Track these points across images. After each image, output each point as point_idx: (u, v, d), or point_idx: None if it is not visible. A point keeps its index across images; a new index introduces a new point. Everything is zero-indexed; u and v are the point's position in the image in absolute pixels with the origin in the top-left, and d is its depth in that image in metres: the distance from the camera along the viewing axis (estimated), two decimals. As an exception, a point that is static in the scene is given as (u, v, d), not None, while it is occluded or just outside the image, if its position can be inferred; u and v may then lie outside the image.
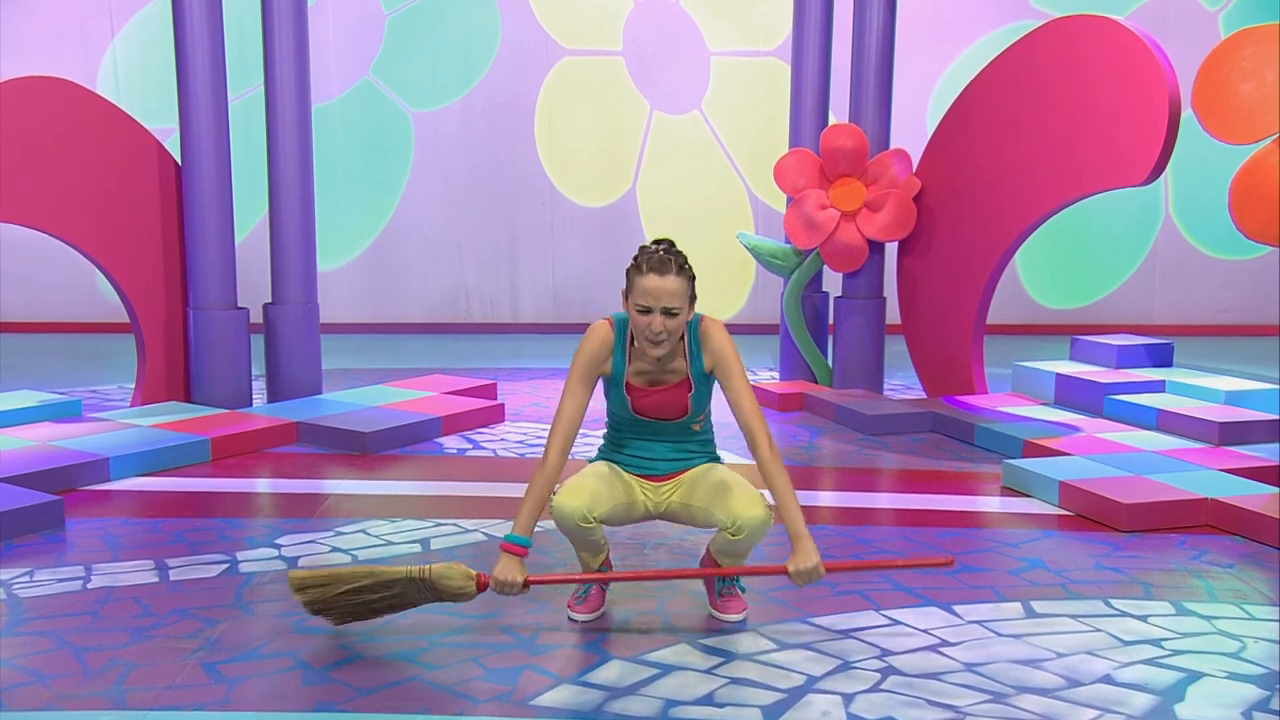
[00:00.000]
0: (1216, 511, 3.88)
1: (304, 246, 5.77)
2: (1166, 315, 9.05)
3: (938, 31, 8.51)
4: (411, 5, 8.70)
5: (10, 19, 8.52)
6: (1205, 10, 8.73)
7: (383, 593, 2.91)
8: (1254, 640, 2.93)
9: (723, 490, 2.97)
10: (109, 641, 2.87)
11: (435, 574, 2.89)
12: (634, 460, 3.07)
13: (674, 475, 3.07)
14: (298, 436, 5.09)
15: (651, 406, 3.00)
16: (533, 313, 9.06)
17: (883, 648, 2.86)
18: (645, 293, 2.84)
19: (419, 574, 2.89)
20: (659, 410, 3.00)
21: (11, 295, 8.71)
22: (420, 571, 2.89)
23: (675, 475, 3.07)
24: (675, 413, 3.00)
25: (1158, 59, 4.67)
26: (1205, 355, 7.43)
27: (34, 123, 5.06)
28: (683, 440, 3.07)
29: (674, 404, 2.99)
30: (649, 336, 2.86)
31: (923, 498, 4.31)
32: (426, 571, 2.89)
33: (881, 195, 5.82)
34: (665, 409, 3.00)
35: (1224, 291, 9.04)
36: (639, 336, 2.90)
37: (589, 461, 3.14)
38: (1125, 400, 5.39)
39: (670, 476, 3.07)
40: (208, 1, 5.36)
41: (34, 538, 3.69)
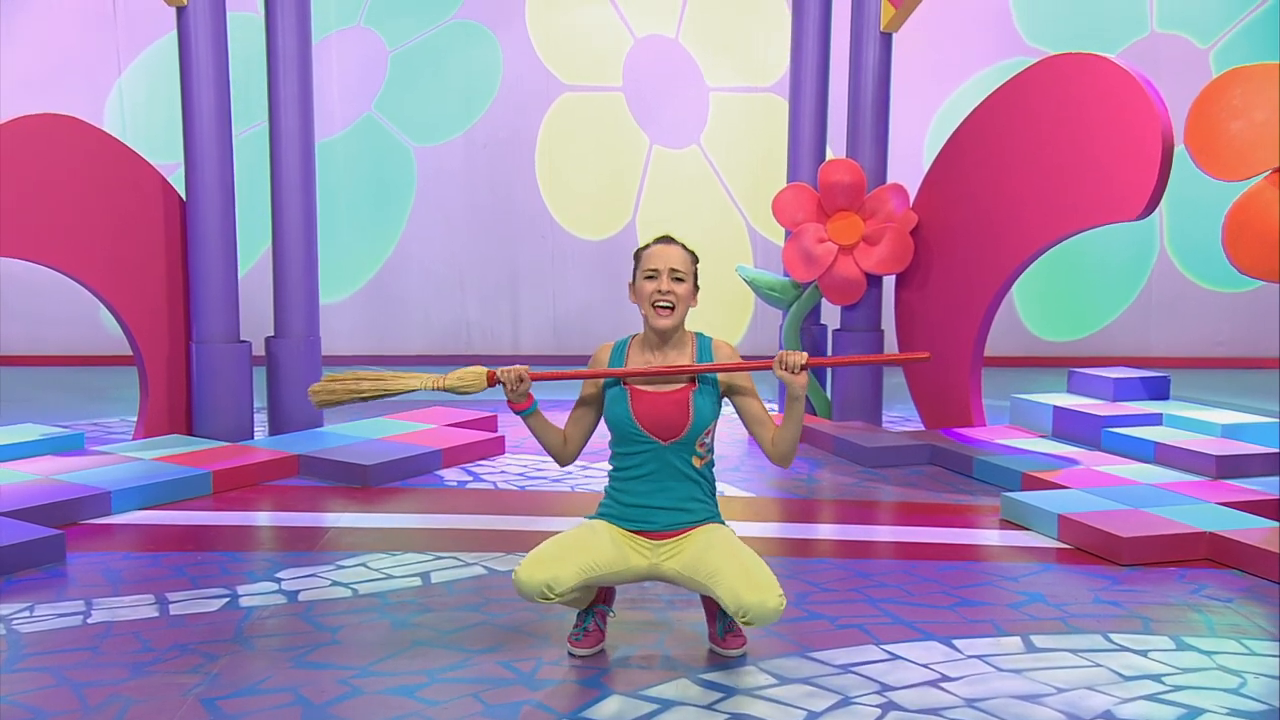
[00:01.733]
0: (1215, 545, 3.87)
1: (306, 280, 5.80)
2: (1163, 348, 9.06)
3: (933, 68, 8.59)
4: (414, 42, 8.78)
5: (19, 57, 8.60)
6: (1196, 48, 8.81)
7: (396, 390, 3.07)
8: (1254, 676, 2.91)
9: (729, 567, 2.84)
10: (109, 677, 2.85)
11: (447, 379, 3.05)
12: (633, 511, 2.97)
13: (675, 533, 2.96)
14: (299, 469, 5.09)
15: (653, 411, 2.91)
16: (534, 345, 9.07)
17: (883, 683, 2.84)
18: (652, 257, 2.90)
19: (434, 382, 3.03)
20: (660, 417, 2.90)
21: (15, 328, 8.73)
22: (435, 381, 3.03)
23: (676, 533, 2.96)
24: (677, 420, 2.91)
25: (1150, 96, 4.71)
26: (1202, 388, 7.44)
27: (41, 159, 5.10)
28: (684, 480, 2.96)
29: (676, 410, 2.91)
30: (657, 300, 2.87)
31: (922, 530, 4.30)
32: (440, 380, 3.04)
33: (879, 229, 5.85)
34: (667, 416, 2.91)
35: (1220, 324, 9.07)
36: (646, 306, 2.90)
37: (587, 519, 3.06)
38: (1123, 433, 5.39)
39: (671, 534, 2.96)
40: (213, 39, 5.41)
41: (35, 572, 3.67)
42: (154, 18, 8.35)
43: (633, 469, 2.98)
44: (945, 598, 3.49)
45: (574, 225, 8.98)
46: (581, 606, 3.05)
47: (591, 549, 2.91)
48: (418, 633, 3.17)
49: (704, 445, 2.99)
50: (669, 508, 2.97)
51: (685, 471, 2.97)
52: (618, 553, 2.94)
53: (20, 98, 8.15)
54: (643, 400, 2.93)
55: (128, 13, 8.54)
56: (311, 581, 3.61)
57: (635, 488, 2.98)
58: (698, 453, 2.98)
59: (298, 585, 3.57)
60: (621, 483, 3.01)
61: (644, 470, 2.97)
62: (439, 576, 3.67)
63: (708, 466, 3.03)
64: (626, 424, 2.94)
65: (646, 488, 2.97)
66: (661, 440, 2.93)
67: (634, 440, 2.95)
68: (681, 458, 2.96)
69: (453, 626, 3.22)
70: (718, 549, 2.91)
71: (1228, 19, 8.80)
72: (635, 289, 2.96)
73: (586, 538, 2.94)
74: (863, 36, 6.06)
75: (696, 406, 2.92)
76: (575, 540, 2.93)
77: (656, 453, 2.94)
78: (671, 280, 2.89)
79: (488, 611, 3.34)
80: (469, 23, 8.80)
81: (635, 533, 2.99)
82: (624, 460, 3.00)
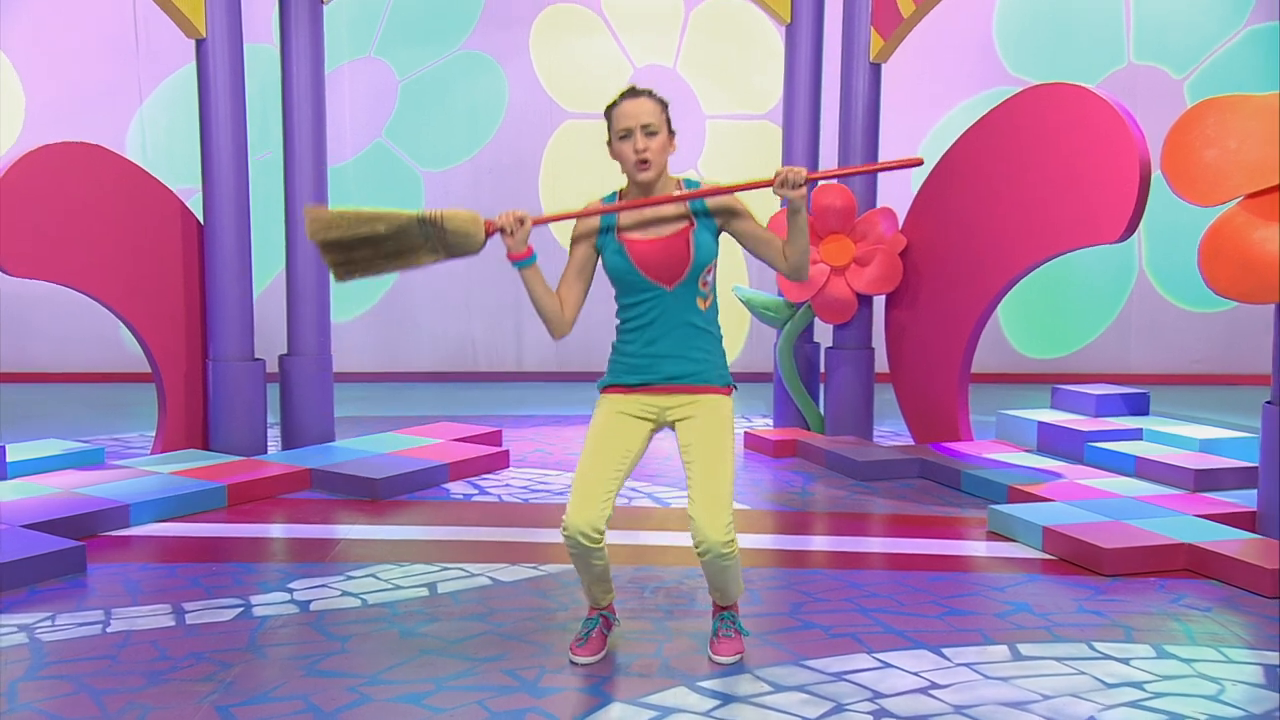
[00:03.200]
0: (1194, 556, 3.86)
1: (319, 300, 5.81)
2: (1142, 365, 9.06)
3: (920, 97, 8.62)
4: (423, 72, 8.82)
5: (46, 87, 8.64)
6: (1171, 79, 8.85)
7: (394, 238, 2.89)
8: (1232, 683, 2.90)
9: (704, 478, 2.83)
10: (127, 685, 2.84)
11: (445, 214, 2.88)
12: (640, 362, 2.88)
13: (683, 387, 2.88)
14: (311, 483, 5.08)
15: (652, 254, 2.82)
16: (537, 362, 9.07)
17: (875, 690, 2.83)
18: (622, 116, 2.81)
19: (430, 216, 2.87)
20: (661, 259, 2.82)
21: (42, 347, 8.74)
22: (431, 214, 2.88)
23: (684, 388, 2.88)
24: (679, 259, 2.82)
25: (1128, 125, 4.73)
26: (1180, 404, 7.43)
27: (65, 186, 5.11)
28: (690, 328, 2.85)
29: (676, 252, 2.82)
30: (635, 158, 2.80)
31: (912, 542, 4.29)
32: (438, 214, 2.88)
33: (869, 251, 5.86)
34: (668, 257, 2.82)
35: (1196, 343, 9.07)
36: (626, 166, 2.83)
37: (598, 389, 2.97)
38: (1104, 448, 5.39)
39: (679, 388, 2.88)
40: (230, 70, 5.44)
41: (57, 583, 3.67)
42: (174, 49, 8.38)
43: (638, 318, 2.88)
44: (935, 607, 3.48)
45: (576, 247, 8.99)
46: (602, 605, 3.03)
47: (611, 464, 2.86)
48: (425, 642, 3.16)
49: (706, 284, 2.88)
50: (675, 355, 2.87)
51: (690, 319, 2.87)
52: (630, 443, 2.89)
53: (47, 126, 8.20)
54: (640, 247, 2.84)
55: (149, 45, 8.58)
56: (322, 592, 3.60)
57: (641, 336, 2.88)
58: (701, 293, 2.87)
59: (309, 595, 3.56)
60: (628, 334, 2.92)
61: (649, 318, 2.87)
62: (445, 587, 3.66)
63: (713, 311, 2.92)
64: (628, 273, 2.85)
65: (652, 335, 2.87)
66: (666, 285, 2.84)
67: (637, 288, 2.86)
68: (685, 301, 2.86)
69: (459, 636, 3.21)
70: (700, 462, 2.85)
71: (1201, 51, 8.84)
72: (612, 149, 2.89)
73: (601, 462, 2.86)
74: (853, 66, 6.10)
75: (697, 242, 2.84)
76: (594, 470, 2.86)
77: (660, 298, 2.85)
78: (645, 137, 2.80)
79: (493, 621, 3.33)
80: (476, 53, 8.84)
81: (642, 388, 2.90)
82: (629, 312, 2.90)
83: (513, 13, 8.77)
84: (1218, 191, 3.92)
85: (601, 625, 3.05)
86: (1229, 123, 3.88)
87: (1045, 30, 8.83)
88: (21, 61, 8.63)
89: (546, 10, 8.86)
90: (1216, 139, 3.89)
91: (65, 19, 8.57)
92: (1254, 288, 3.93)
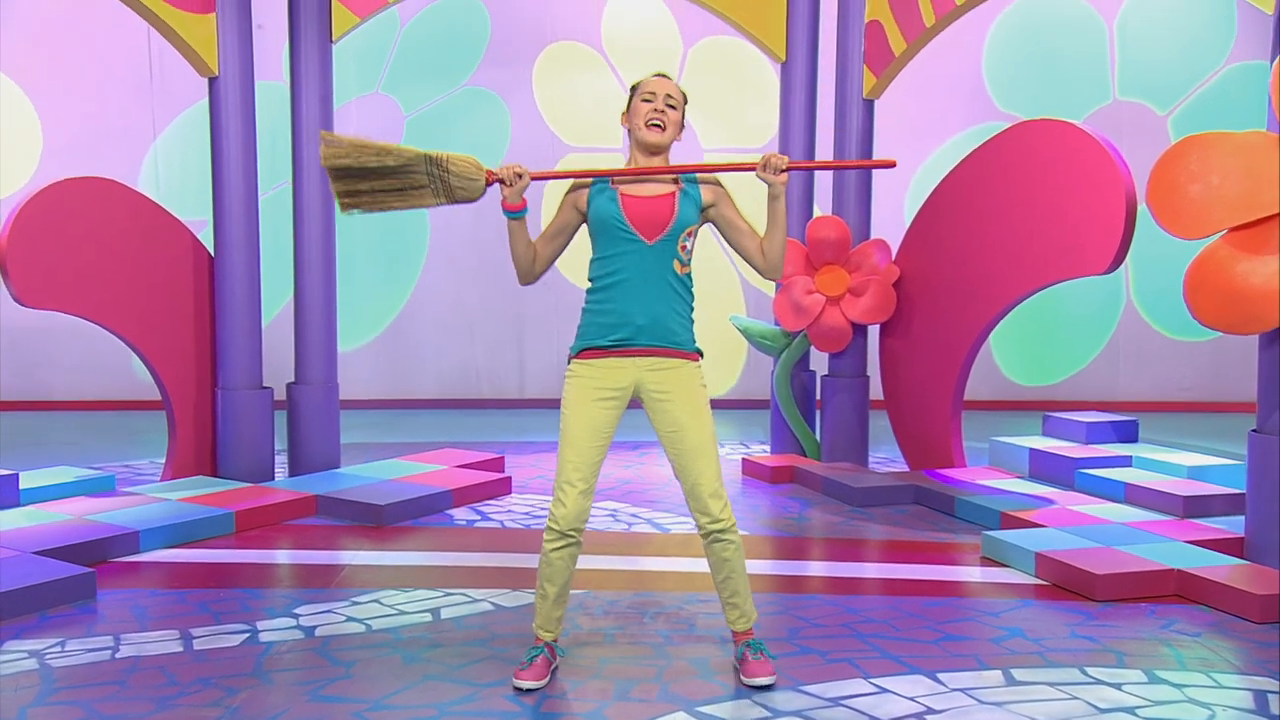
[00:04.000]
0: (1184, 582, 3.85)
1: (326, 329, 5.81)
2: (1131, 393, 9.07)
3: (912, 132, 8.68)
4: (429, 108, 8.88)
5: (64, 123, 8.69)
6: (1155, 115, 8.91)
7: (401, 173, 2.95)
8: (1223, 708, 2.89)
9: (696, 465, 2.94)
10: (135, 711, 2.83)
11: (451, 156, 2.96)
12: (612, 319, 2.93)
13: (656, 350, 2.94)
14: (317, 509, 5.07)
15: (639, 208, 2.91)
16: (538, 389, 9.07)
17: (871, 715, 2.82)
18: (650, 84, 2.99)
19: (437, 156, 2.95)
20: (646, 213, 2.91)
21: (56, 376, 8.74)
22: (438, 154, 2.96)
23: (657, 351, 2.94)
24: (662, 215, 2.91)
25: (1114, 159, 4.76)
26: (1168, 431, 7.43)
27: (80, 220, 5.13)
28: (665, 288, 2.92)
29: (661, 209, 2.92)
30: (651, 118, 2.93)
31: (907, 567, 4.28)
32: (444, 155, 2.96)
33: (863, 281, 5.88)
34: (653, 212, 2.91)
35: (1184, 371, 9.07)
36: (638, 121, 2.95)
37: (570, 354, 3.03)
38: (1095, 474, 5.39)
39: (652, 350, 2.94)
40: (241, 106, 5.48)
41: (67, 608, 3.65)
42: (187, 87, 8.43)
43: (615, 273, 2.94)
44: (930, 633, 3.46)
45: (576, 277, 8.99)
46: (550, 635, 3.03)
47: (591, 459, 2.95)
48: (428, 667, 3.14)
49: (685, 249, 2.96)
50: (650, 310, 2.92)
51: (667, 277, 2.94)
52: (605, 433, 2.97)
53: (64, 161, 8.24)
54: (630, 200, 2.94)
55: (163, 82, 8.65)
56: (328, 617, 3.59)
57: (615, 295, 2.94)
58: (679, 256, 2.95)
59: (315, 621, 3.55)
60: (602, 292, 2.97)
61: (626, 273, 2.92)
62: (448, 612, 3.65)
63: (689, 279, 2.99)
64: (614, 219, 2.93)
65: (626, 293, 2.93)
66: (646, 238, 2.92)
67: (619, 238, 2.93)
68: (664, 259, 2.93)
69: (461, 661, 3.19)
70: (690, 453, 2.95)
71: (1184, 88, 8.91)
72: (630, 111, 3.00)
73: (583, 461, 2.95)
74: (846, 102, 6.14)
75: (680, 205, 2.94)
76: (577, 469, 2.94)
77: (639, 253, 2.92)
78: (665, 103, 2.96)
79: (494, 646, 3.31)
80: (480, 89, 8.91)
81: (616, 350, 2.95)
82: (606, 266, 2.96)
83: (516, 50, 8.85)
84: (1202, 225, 3.94)
85: (546, 653, 3.04)
86: (1212, 159, 3.91)
87: (1033, 68, 8.90)
88: (39, 98, 8.69)
89: (549, 47, 8.94)
90: (1200, 174, 3.91)
91: (82, 57, 8.64)
92: (1238, 319, 3.94)
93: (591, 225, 3.00)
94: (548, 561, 2.99)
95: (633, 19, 8.92)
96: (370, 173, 2.98)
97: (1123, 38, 8.92)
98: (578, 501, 2.94)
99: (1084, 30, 8.91)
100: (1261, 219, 3.86)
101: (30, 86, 8.67)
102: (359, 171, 2.99)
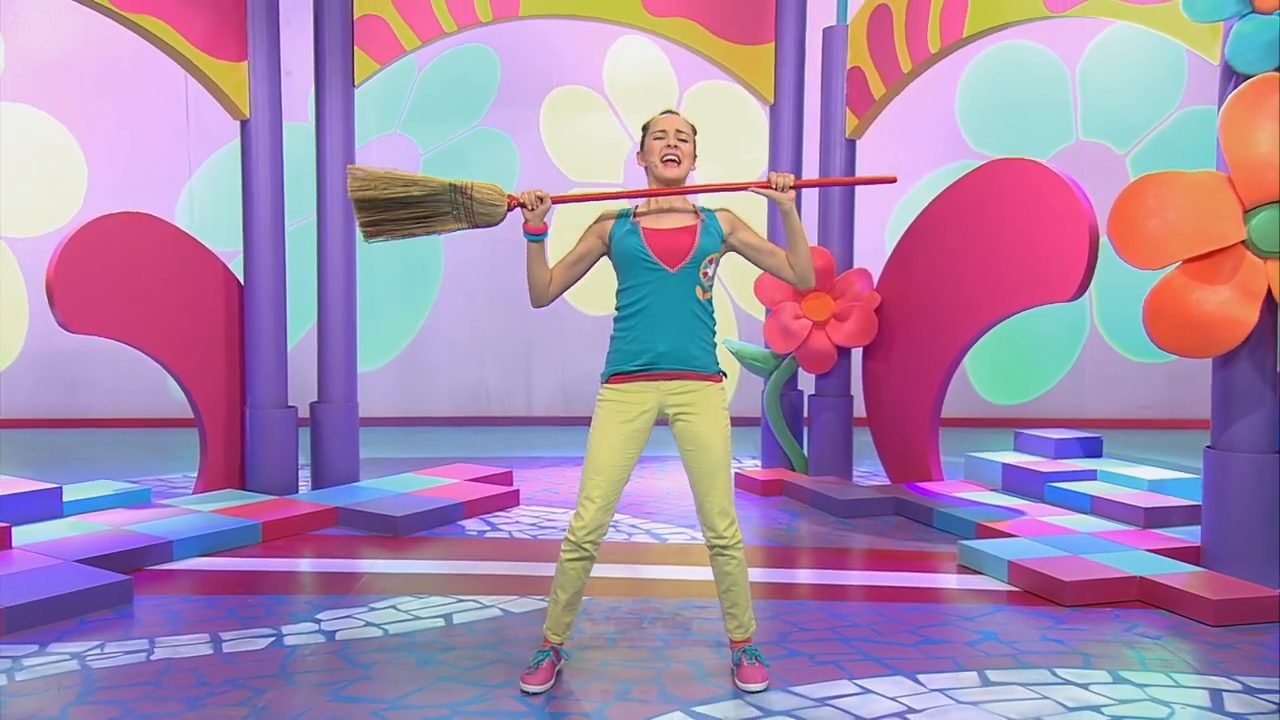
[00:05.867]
0: (1145, 588, 3.84)
1: (346, 351, 5.82)
2: (1095, 411, 9.07)
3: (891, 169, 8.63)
4: (443, 146, 8.93)
5: (107, 162, 8.74)
6: (1115, 154, 8.96)
7: (425, 202, 2.88)
8: (1181, 706, 2.88)
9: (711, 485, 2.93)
10: (168, 710, 2.82)
11: (475, 185, 2.90)
12: (639, 346, 2.91)
13: (680, 374, 2.91)
14: (338, 520, 5.06)
15: (661, 240, 2.89)
16: (545, 407, 9.07)
17: (856, 715, 2.81)
18: (660, 122, 2.96)
19: (461, 185, 2.89)
20: (668, 244, 2.88)
21: (96, 396, 8.75)
22: (462, 183, 2.90)
23: (681, 374, 2.91)
24: (683, 245, 2.88)
25: (1078, 196, 4.79)
26: (1130, 447, 7.43)
27: (121, 251, 5.15)
28: (688, 313, 2.89)
29: (683, 239, 2.89)
30: (664, 154, 2.91)
31: (889, 575, 4.27)
32: (468, 184, 2.90)
33: (847, 307, 5.90)
34: (674, 243, 2.88)
35: (1144, 391, 9.08)
36: (653, 158, 2.93)
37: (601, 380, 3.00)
38: (1063, 487, 5.39)
39: (675, 374, 2.91)
40: (270, 146, 5.51)
41: (106, 613, 3.65)
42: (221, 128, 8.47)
43: (639, 300, 2.91)
44: (910, 636, 3.46)
45: (580, 302, 9.05)
46: (558, 639, 3.02)
47: (615, 479, 2.93)
48: (441, 669, 3.13)
49: (707, 275, 2.93)
50: (674, 336, 2.89)
51: (690, 304, 2.91)
52: (630, 455, 2.94)
53: (107, 197, 8.30)
54: (652, 233, 2.91)
55: (199, 124, 8.70)
56: (348, 622, 3.58)
57: (640, 323, 2.91)
58: (701, 282, 2.92)
59: (335, 625, 3.54)
60: (628, 320, 2.94)
61: (650, 300, 2.90)
62: (460, 618, 3.64)
63: (710, 304, 2.96)
64: (638, 250, 2.90)
65: (651, 321, 2.90)
66: (669, 266, 2.89)
67: (642, 268, 2.90)
68: (686, 286, 2.90)
69: (472, 664, 3.18)
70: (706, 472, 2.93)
71: (1141, 129, 8.97)
72: (645, 150, 2.98)
73: (607, 479, 2.93)
74: (831, 142, 6.18)
75: (701, 234, 2.92)
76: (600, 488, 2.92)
77: (663, 280, 2.89)
78: (676, 138, 2.94)
79: (503, 650, 3.30)
80: (491, 129, 8.96)
81: (643, 374, 2.92)
82: (631, 295, 2.93)
83: (524, 93, 8.90)
84: (1159, 257, 3.96)
85: (551, 657, 3.03)
86: (1167, 196, 3.93)
87: (1003, 110, 8.96)
88: (85, 139, 8.74)
89: (555, 91, 8.99)
90: (1157, 210, 3.94)
91: (125, 101, 8.70)
92: (1192, 343, 3.96)
93: (616, 259, 2.98)
94: (562, 570, 2.98)
95: (632, 64, 8.98)
96: (395, 203, 2.92)
97: (1084, 83, 8.99)
98: (596, 517, 2.93)
99: (1049, 76, 8.98)
100: (1213, 251, 3.89)
101: (77, 129, 8.72)
102: (384, 203, 2.92)
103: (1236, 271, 3.86)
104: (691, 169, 3.00)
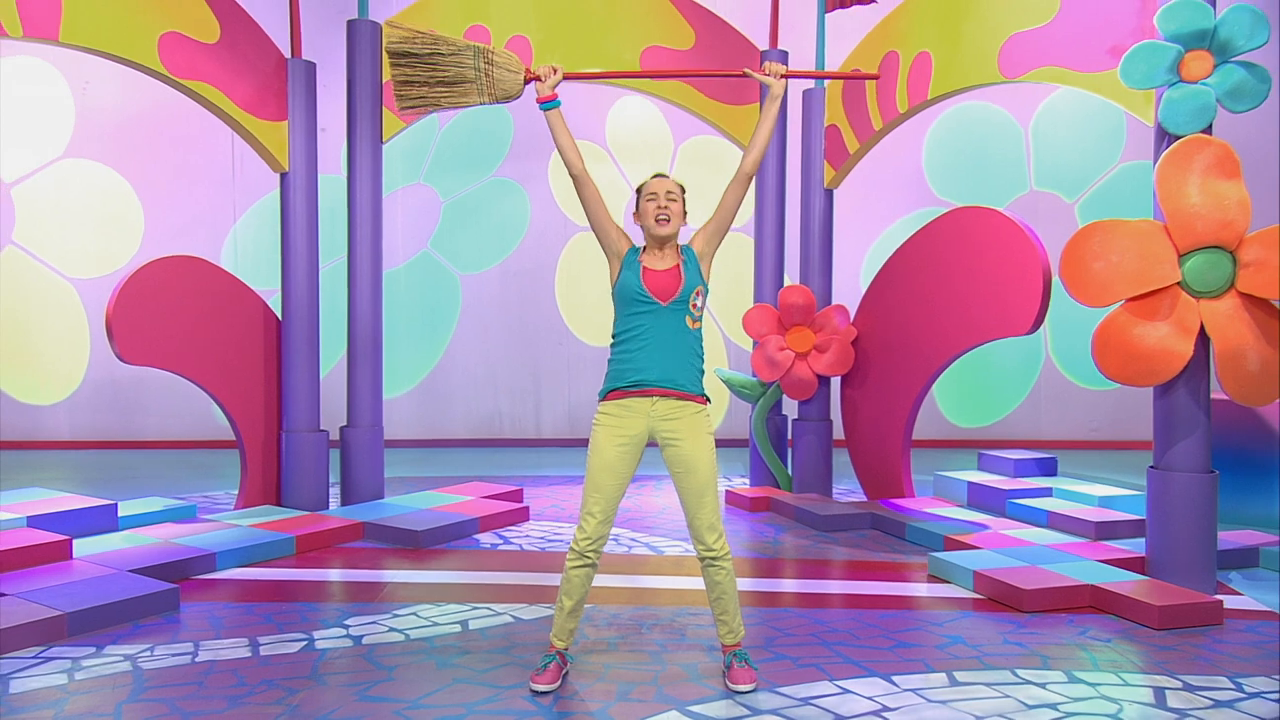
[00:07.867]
0: (1097, 595, 3.84)
1: (373, 381, 5.84)
2: (1051, 433, 9.08)
3: (865, 215, 8.80)
4: (462, 194, 9.00)
5: (161, 209, 8.80)
6: (1065, 202, 9.04)
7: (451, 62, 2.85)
8: (1129, 703, 2.88)
9: (700, 503, 2.94)
10: (211, 708, 2.82)
11: (495, 50, 2.91)
12: (633, 367, 2.94)
13: (668, 391, 2.93)
14: (364, 534, 5.06)
15: (655, 279, 2.94)
16: (553, 430, 9.08)
17: (836, 713, 2.81)
18: (651, 185, 3.02)
19: (484, 48, 2.89)
20: (661, 283, 2.94)
21: (149, 421, 8.76)
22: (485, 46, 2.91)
23: (669, 393, 2.93)
24: (673, 284, 2.94)
25: (1032, 240, 4.83)
26: (1082, 466, 7.43)
27: (173, 291, 5.19)
28: (680, 340, 2.94)
29: (671, 278, 2.95)
30: (656, 215, 2.95)
31: (865, 584, 4.27)
32: (489, 48, 2.90)
33: (827, 340, 5.93)
34: (665, 282, 2.94)
35: (1094, 415, 9.10)
36: (648, 220, 2.97)
37: (599, 398, 3.01)
38: (1022, 503, 5.39)
39: (664, 392, 2.93)
40: (306, 196, 5.57)
41: (155, 619, 3.64)
42: (262, 180, 8.59)
43: (636, 329, 2.96)
44: (885, 640, 3.45)
45: (585, 334, 9.08)
46: (563, 644, 3.02)
47: (613, 494, 2.95)
48: (458, 671, 3.13)
49: (696, 307, 2.98)
50: (665, 359, 2.93)
51: (680, 333, 2.95)
52: (627, 472, 2.96)
53: (161, 242, 8.36)
54: (650, 273, 2.97)
55: (243, 176, 8.78)
56: (373, 628, 3.58)
57: (634, 348, 2.95)
58: (691, 313, 2.97)
59: (362, 631, 3.54)
60: (623, 345, 2.98)
61: (646, 327, 2.94)
62: (476, 624, 3.63)
63: (699, 334, 3.00)
64: (637, 287, 2.95)
65: (646, 341, 2.94)
66: (661, 301, 2.94)
67: (639, 303, 2.95)
68: (677, 318, 2.95)
69: (486, 666, 3.18)
70: (695, 492, 2.94)
71: (1088, 180, 9.05)
72: (640, 212, 3.03)
73: (605, 496, 2.94)
74: (811, 190, 6.24)
75: (685, 272, 2.97)
76: (599, 503, 2.94)
77: (657, 313, 2.94)
78: (667, 200, 2.98)
79: (515, 654, 3.30)
80: (504, 179, 9.03)
81: (636, 390, 2.94)
82: (627, 323, 2.97)
83: (535, 147, 8.98)
84: (1105, 295, 4.00)
85: (558, 660, 3.02)
86: (1111, 241, 3.98)
87: (964, 162, 9.05)
88: (142, 189, 8.82)
89: (562, 146, 9.06)
90: (1102, 253, 3.98)
91: (177, 155, 8.78)
92: (1135, 373, 3.99)
93: (617, 290, 3.03)
94: (568, 577, 2.99)
95: (632, 121, 9.08)
96: (425, 59, 2.90)
97: (1037, 140, 9.08)
98: (597, 529, 2.95)
99: (1005, 132, 9.08)
100: (1152, 291, 3.93)
101: (135, 181, 8.81)
102: (416, 57, 2.90)
103: (1173, 309, 3.90)
104: (682, 224, 3.05)
